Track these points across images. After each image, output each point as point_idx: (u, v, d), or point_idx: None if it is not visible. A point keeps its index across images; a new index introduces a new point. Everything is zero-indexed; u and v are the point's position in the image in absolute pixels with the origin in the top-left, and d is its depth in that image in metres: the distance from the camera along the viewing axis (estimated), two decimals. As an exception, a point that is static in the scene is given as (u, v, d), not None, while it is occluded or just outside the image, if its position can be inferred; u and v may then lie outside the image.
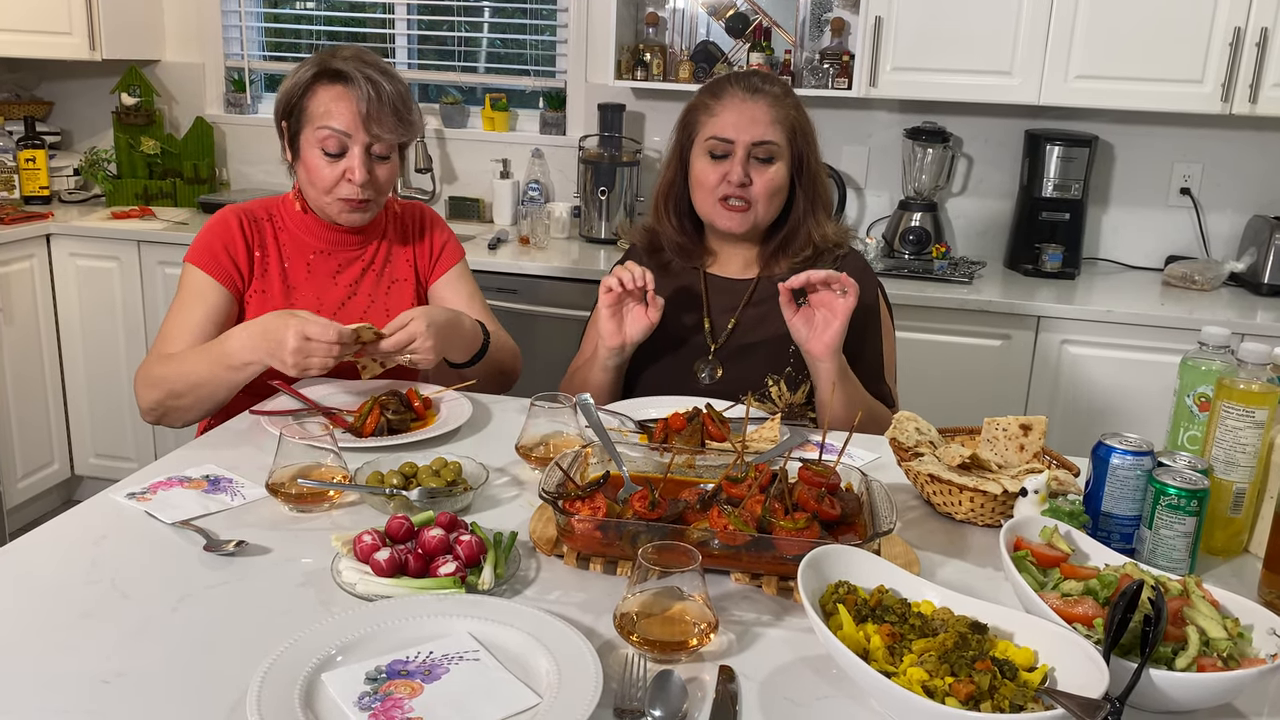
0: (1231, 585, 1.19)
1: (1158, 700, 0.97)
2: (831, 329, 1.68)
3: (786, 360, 1.84)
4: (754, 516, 1.19)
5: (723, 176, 1.80)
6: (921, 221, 3.28)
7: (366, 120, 1.76)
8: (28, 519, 3.41)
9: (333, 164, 1.79)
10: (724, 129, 1.79)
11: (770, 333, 1.84)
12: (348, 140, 1.77)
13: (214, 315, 1.80)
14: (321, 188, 1.81)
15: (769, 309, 1.83)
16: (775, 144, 1.80)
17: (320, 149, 1.78)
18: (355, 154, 1.78)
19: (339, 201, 1.82)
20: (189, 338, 1.77)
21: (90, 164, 3.75)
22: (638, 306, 1.78)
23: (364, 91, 1.76)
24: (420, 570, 1.16)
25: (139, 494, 1.38)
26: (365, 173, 1.79)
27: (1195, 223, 3.30)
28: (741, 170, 1.79)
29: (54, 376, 3.48)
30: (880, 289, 1.96)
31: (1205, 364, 1.39)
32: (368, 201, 1.83)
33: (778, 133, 1.80)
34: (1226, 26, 2.82)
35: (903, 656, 0.97)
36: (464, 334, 1.79)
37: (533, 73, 3.79)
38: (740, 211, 1.82)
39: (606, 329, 1.77)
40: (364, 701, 0.94)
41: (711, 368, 1.86)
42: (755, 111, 1.79)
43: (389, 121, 1.79)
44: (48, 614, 1.10)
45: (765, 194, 1.81)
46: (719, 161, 1.81)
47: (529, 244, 3.36)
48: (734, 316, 1.88)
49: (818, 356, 1.70)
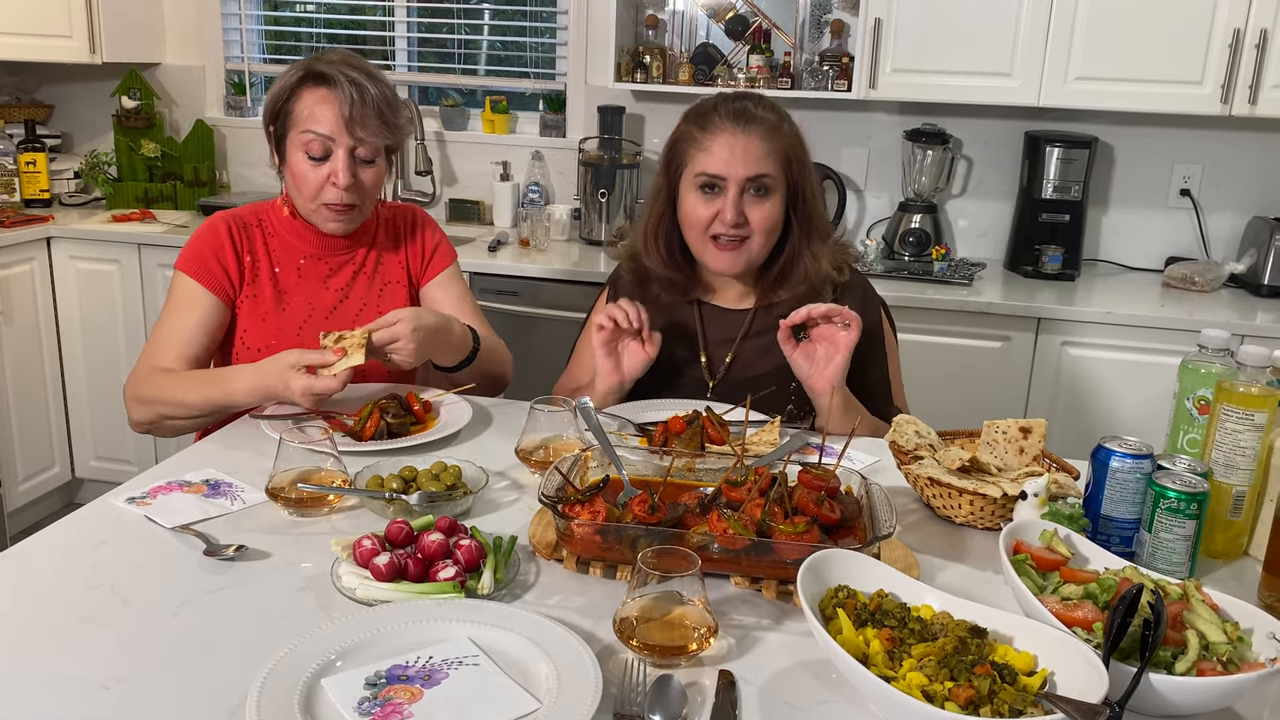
0: (1231, 589, 1.18)
1: (1157, 705, 0.96)
2: (834, 364, 1.64)
3: (787, 397, 1.78)
4: (754, 520, 1.19)
5: (715, 215, 1.71)
6: (921, 223, 3.28)
7: (349, 123, 1.75)
8: (28, 522, 3.42)
9: (317, 168, 1.78)
10: (714, 165, 1.70)
11: (771, 366, 1.78)
12: (331, 144, 1.76)
13: (205, 324, 1.80)
14: (307, 193, 1.80)
15: (769, 340, 1.74)
16: (770, 176, 1.71)
17: (304, 152, 1.77)
18: (339, 157, 1.77)
19: (324, 209, 1.81)
20: (180, 347, 1.78)
21: (90, 167, 3.75)
22: (633, 342, 1.73)
23: (347, 94, 1.75)
24: (420, 575, 1.16)
25: (139, 499, 1.38)
26: (350, 176, 1.77)
27: (1195, 224, 3.30)
28: (734, 210, 1.70)
29: (54, 379, 3.48)
30: (884, 309, 1.91)
31: (1205, 367, 1.39)
32: (352, 208, 1.82)
33: (772, 164, 1.71)
34: (1226, 28, 2.82)
35: (902, 661, 0.97)
36: (453, 338, 1.79)
37: (532, 75, 3.79)
38: (732, 250, 1.74)
39: (604, 368, 1.72)
40: (363, 707, 0.94)
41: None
42: (748, 144, 1.69)
43: (373, 124, 1.77)
44: (47, 619, 1.10)
45: (762, 229, 1.73)
46: (710, 198, 1.72)
47: (529, 246, 3.36)
48: (732, 350, 1.82)
49: (820, 392, 1.66)
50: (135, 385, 1.75)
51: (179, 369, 1.75)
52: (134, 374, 1.77)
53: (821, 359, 1.66)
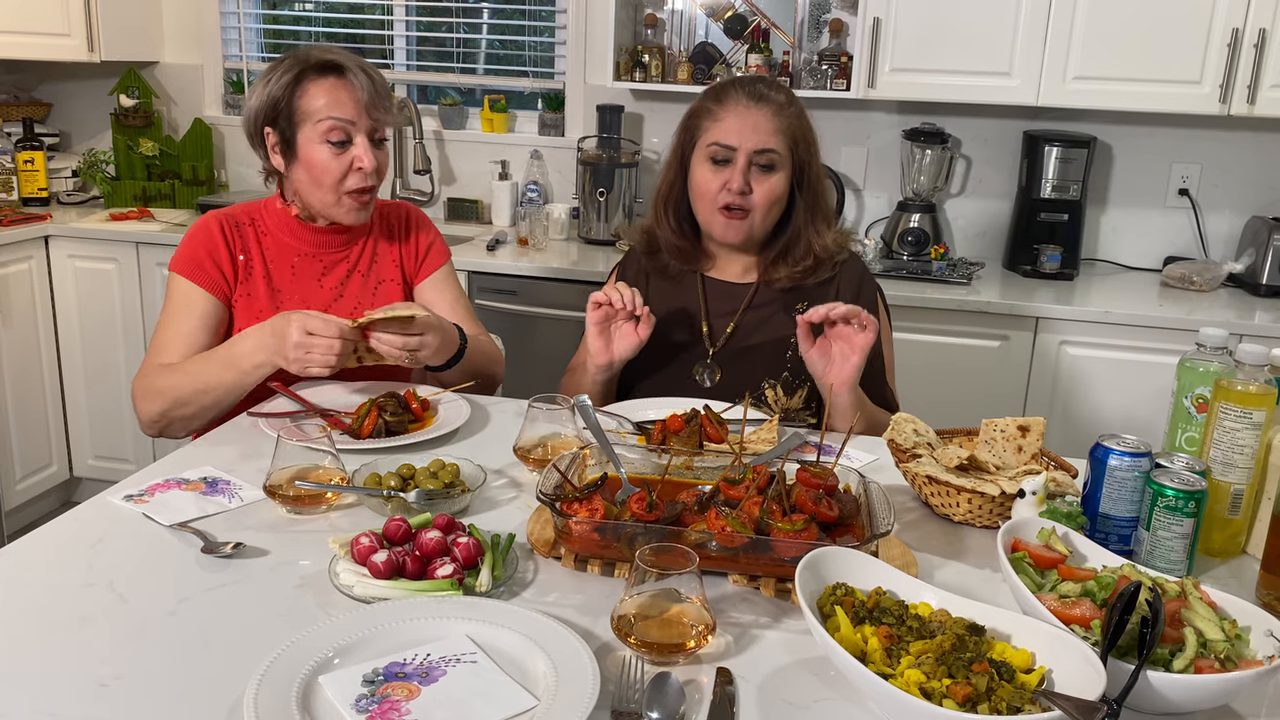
0: (1229, 586, 1.19)
1: (1155, 702, 0.96)
2: (850, 363, 1.66)
3: (784, 364, 1.84)
4: (752, 518, 1.19)
5: (723, 184, 1.79)
6: (920, 223, 3.28)
7: (369, 107, 1.81)
8: (26, 520, 3.41)
9: (339, 155, 1.80)
10: (726, 135, 1.78)
11: (768, 336, 1.85)
12: (352, 128, 1.80)
13: (206, 323, 1.81)
14: (329, 184, 1.82)
15: (769, 313, 1.84)
16: (777, 153, 1.79)
17: (325, 141, 1.79)
18: (360, 141, 1.81)
19: (347, 198, 1.84)
20: (183, 347, 1.78)
21: (89, 165, 3.75)
22: (627, 324, 1.77)
23: (361, 80, 1.81)
24: (418, 572, 1.15)
25: (136, 496, 1.38)
26: (374, 159, 1.82)
27: (1194, 223, 3.30)
28: (742, 179, 1.78)
29: (53, 378, 3.48)
30: (880, 293, 1.96)
31: (1203, 365, 1.39)
32: (372, 190, 1.86)
33: (780, 141, 1.79)
34: (1224, 27, 2.82)
35: (900, 658, 0.97)
36: (447, 340, 1.79)
37: (531, 74, 3.79)
38: (738, 219, 1.81)
39: (594, 346, 1.77)
40: (361, 704, 0.94)
41: (710, 371, 1.86)
42: (759, 119, 1.78)
43: (385, 103, 1.84)
44: (45, 617, 1.10)
45: (764, 203, 1.80)
46: (720, 168, 1.80)
47: (527, 245, 3.36)
48: (733, 321, 1.88)
49: (836, 391, 1.68)
50: (143, 382, 1.76)
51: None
52: (140, 375, 1.78)
53: (838, 358, 1.68)
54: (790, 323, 1.76)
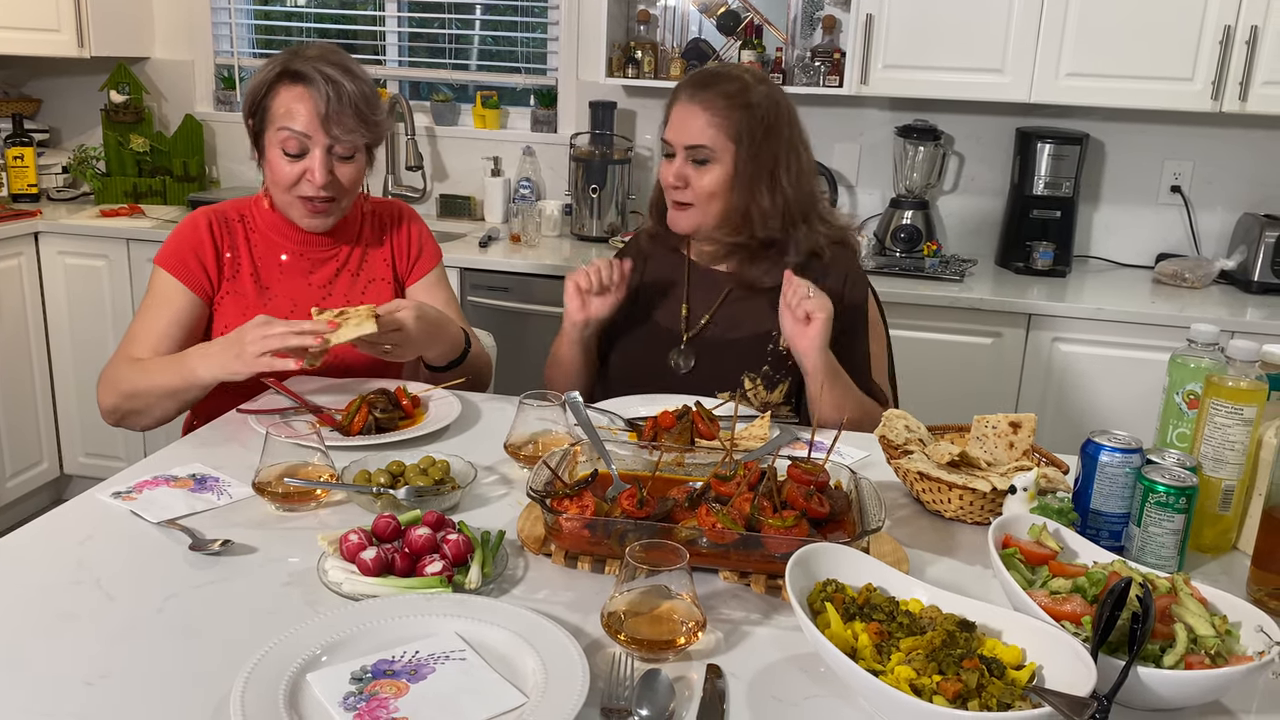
0: (1220, 582, 1.19)
1: (1145, 698, 0.96)
2: (813, 326, 1.68)
3: (764, 358, 1.85)
4: (742, 515, 1.19)
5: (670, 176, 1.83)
6: (913, 219, 3.28)
7: (326, 121, 1.74)
8: (17, 518, 3.40)
9: (293, 164, 1.77)
10: (668, 131, 1.83)
11: (748, 331, 1.86)
12: (307, 141, 1.75)
13: (181, 320, 1.80)
14: (283, 186, 1.79)
15: (749, 306, 1.85)
16: (709, 148, 1.77)
17: (281, 149, 1.77)
18: (316, 155, 1.76)
19: (300, 203, 1.81)
20: (154, 341, 1.77)
21: (79, 162, 3.73)
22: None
23: (323, 92, 1.74)
24: (407, 569, 1.15)
25: (124, 493, 1.37)
26: (326, 174, 1.77)
27: (1186, 220, 3.31)
28: (674, 174, 1.81)
29: (43, 375, 3.46)
30: (870, 287, 1.95)
31: (1194, 361, 1.39)
32: (330, 203, 1.82)
33: (713, 136, 1.77)
34: (1217, 24, 2.83)
35: (890, 655, 0.97)
36: (446, 337, 1.79)
37: (524, 70, 3.78)
38: (682, 211, 1.83)
39: (571, 305, 1.83)
40: (349, 701, 0.93)
41: (684, 357, 1.88)
42: (693, 114, 1.78)
43: (349, 122, 1.76)
44: (31, 614, 1.09)
45: (701, 196, 1.80)
46: (668, 162, 1.83)
47: (520, 242, 3.36)
48: (711, 308, 1.89)
49: (802, 352, 1.71)
50: (108, 370, 1.76)
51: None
52: (109, 365, 1.78)
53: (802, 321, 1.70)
54: (773, 317, 1.76)
